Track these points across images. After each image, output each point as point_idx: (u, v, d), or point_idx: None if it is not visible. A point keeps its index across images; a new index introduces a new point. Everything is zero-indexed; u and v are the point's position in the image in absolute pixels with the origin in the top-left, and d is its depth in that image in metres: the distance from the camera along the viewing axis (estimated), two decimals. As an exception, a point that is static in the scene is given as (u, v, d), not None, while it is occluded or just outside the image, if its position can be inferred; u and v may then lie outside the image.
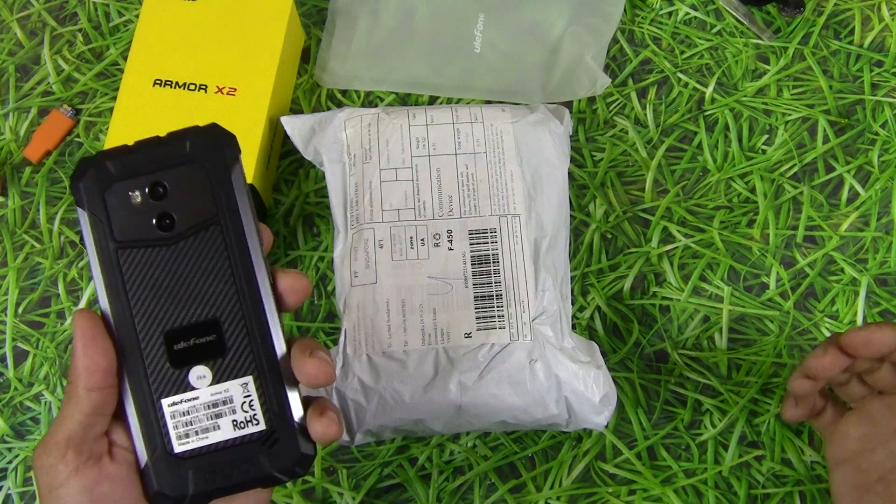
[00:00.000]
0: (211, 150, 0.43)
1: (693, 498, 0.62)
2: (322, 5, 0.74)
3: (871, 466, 0.53)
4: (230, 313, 0.43)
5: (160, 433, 0.42)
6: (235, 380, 0.43)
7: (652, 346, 0.65)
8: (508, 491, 0.62)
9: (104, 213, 0.42)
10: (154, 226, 0.42)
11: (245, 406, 0.43)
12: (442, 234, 0.59)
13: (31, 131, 0.70)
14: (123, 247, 0.42)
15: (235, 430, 0.43)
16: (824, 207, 0.68)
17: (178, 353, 0.42)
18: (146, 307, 0.42)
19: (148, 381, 0.42)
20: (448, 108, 0.63)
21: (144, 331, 0.42)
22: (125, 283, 0.42)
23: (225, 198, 0.43)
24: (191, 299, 0.42)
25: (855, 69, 0.72)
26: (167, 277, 0.42)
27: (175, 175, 0.42)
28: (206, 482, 0.42)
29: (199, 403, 0.42)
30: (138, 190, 0.42)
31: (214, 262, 0.43)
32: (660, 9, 0.73)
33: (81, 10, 0.74)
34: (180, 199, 0.42)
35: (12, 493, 0.63)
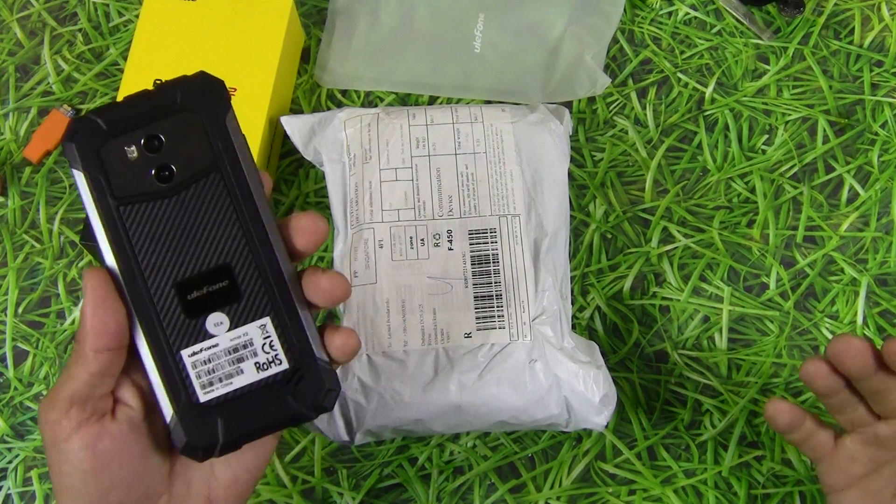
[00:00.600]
0: (202, 98, 0.42)
1: (693, 498, 0.62)
2: (322, 5, 0.74)
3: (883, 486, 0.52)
4: (240, 257, 0.42)
5: (183, 385, 0.42)
6: (253, 322, 0.42)
7: (652, 347, 0.65)
8: (508, 491, 0.62)
9: (101, 170, 0.41)
10: (153, 178, 0.42)
11: (266, 347, 0.42)
12: (442, 234, 0.59)
13: (31, 131, 0.70)
14: (124, 202, 0.42)
15: (259, 372, 0.42)
16: (824, 207, 0.68)
17: (192, 302, 0.42)
18: (154, 261, 0.42)
19: (165, 334, 0.42)
20: (448, 108, 0.63)
21: (155, 284, 0.42)
22: (130, 239, 0.42)
23: (222, 144, 0.42)
24: (199, 248, 0.42)
25: (855, 69, 0.72)
26: (172, 229, 0.42)
27: (169, 125, 0.42)
28: (236, 427, 0.42)
29: (219, 350, 0.42)
30: (133, 144, 0.41)
31: (218, 208, 0.42)
32: (660, 9, 0.73)
33: (81, 10, 0.74)
34: (177, 149, 0.42)
35: (12, 493, 0.63)
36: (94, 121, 0.41)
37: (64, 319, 0.66)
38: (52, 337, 0.65)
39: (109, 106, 0.42)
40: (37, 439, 0.63)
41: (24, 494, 0.63)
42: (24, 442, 0.64)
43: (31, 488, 0.63)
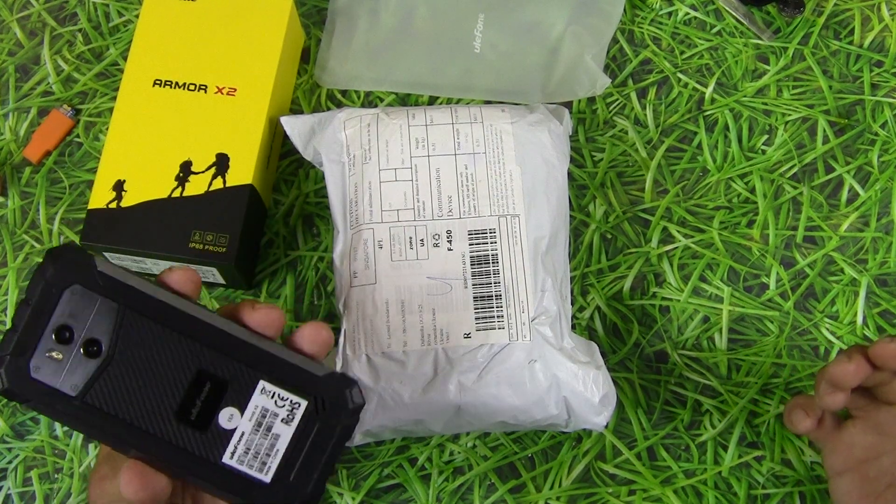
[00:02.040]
0: (63, 269, 0.43)
1: (693, 498, 0.62)
2: (322, 5, 0.74)
3: (880, 474, 0.53)
4: (202, 356, 0.44)
5: (247, 483, 0.44)
6: (253, 394, 0.44)
7: (652, 347, 0.65)
8: (508, 491, 0.62)
9: (45, 391, 0.42)
10: (88, 358, 0.43)
11: (278, 402, 0.44)
12: (441, 235, 0.59)
13: (31, 131, 0.70)
14: (83, 394, 0.43)
15: (290, 424, 0.44)
16: (824, 208, 0.68)
17: (197, 418, 0.44)
18: (145, 416, 0.43)
19: (198, 459, 0.43)
20: (447, 108, 0.63)
21: (160, 430, 0.43)
22: (114, 417, 0.43)
23: (110, 289, 0.43)
24: (166, 376, 0.43)
25: (855, 69, 0.72)
26: (137, 381, 0.43)
27: (62, 311, 0.43)
28: (308, 476, 0.44)
29: (247, 435, 0.44)
30: (50, 349, 0.43)
31: (153, 335, 0.43)
32: (660, 9, 0.73)
33: (81, 10, 0.74)
34: (83, 324, 0.43)
35: (12, 494, 0.63)
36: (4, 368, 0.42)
37: (64, 319, 0.66)
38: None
39: (6, 339, 0.42)
40: (37, 439, 0.63)
41: (24, 494, 0.63)
42: (24, 442, 0.64)
43: (31, 488, 0.63)
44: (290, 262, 0.67)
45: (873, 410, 0.53)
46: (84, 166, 0.69)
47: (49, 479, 0.63)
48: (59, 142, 0.70)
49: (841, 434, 0.54)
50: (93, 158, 0.69)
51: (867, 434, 0.53)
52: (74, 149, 0.70)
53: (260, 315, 0.45)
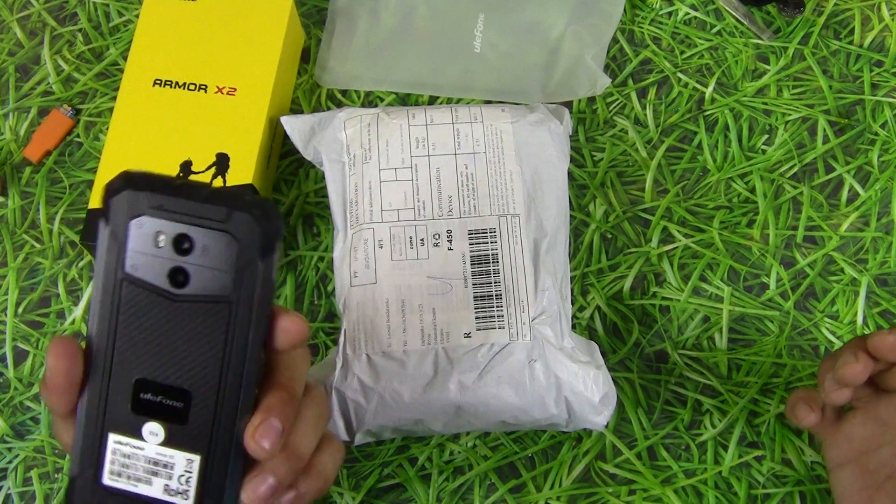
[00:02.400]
0: (249, 232, 0.40)
1: (693, 498, 0.62)
2: (322, 5, 0.74)
3: (879, 466, 0.53)
4: (204, 392, 0.41)
5: (96, 460, 0.42)
6: (184, 453, 0.42)
7: (652, 347, 0.65)
8: (508, 491, 0.62)
9: (123, 239, 0.40)
10: (166, 276, 0.40)
11: (182, 480, 0.42)
12: (441, 234, 0.59)
13: (31, 131, 0.70)
14: (129, 281, 0.40)
15: (164, 494, 0.42)
16: (824, 207, 0.68)
17: (142, 402, 0.41)
18: (129, 347, 0.41)
19: (105, 410, 0.42)
20: (448, 108, 0.63)
21: (120, 366, 0.41)
22: (120, 316, 0.41)
23: (247, 284, 0.40)
24: (173, 361, 0.41)
25: (855, 69, 0.72)
26: (160, 330, 0.41)
27: (206, 237, 0.40)
28: None
29: (141, 455, 0.42)
30: (165, 234, 0.40)
31: (209, 338, 0.41)
32: (660, 9, 0.73)
33: (81, 10, 0.74)
34: (201, 264, 0.40)
35: (12, 494, 0.63)
36: (143, 189, 0.40)
37: (64, 319, 0.66)
38: (52, 337, 0.65)
39: (163, 181, 0.40)
40: (37, 439, 0.63)
41: (24, 494, 0.63)
42: (24, 442, 0.64)
43: (31, 488, 0.63)
44: (290, 261, 0.67)
45: (873, 401, 0.53)
46: (84, 166, 0.69)
47: (49, 479, 0.63)
48: (59, 142, 0.70)
49: (841, 426, 0.54)
50: (93, 158, 0.69)
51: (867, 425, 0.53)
52: (74, 149, 0.70)
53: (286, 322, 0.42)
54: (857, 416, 0.54)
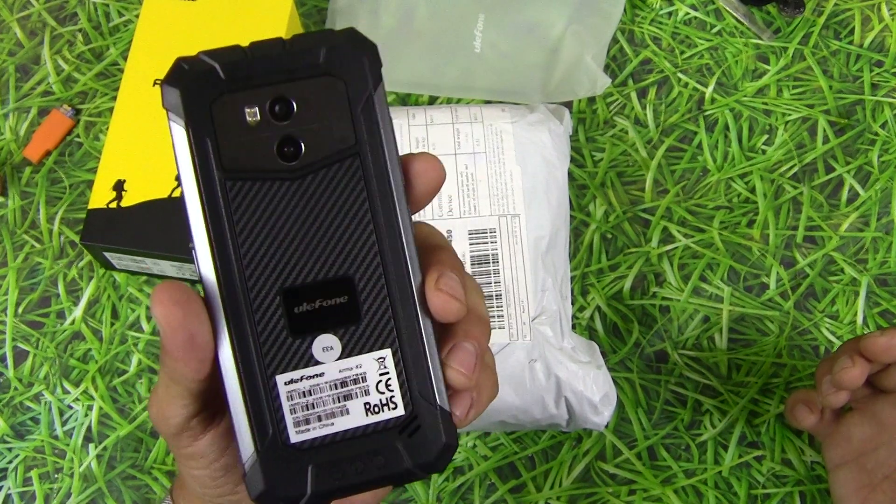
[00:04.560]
0: (351, 62, 0.34)
1: (693, 498, 0.62)
2: (322, 5, 0.74)
3: (876, 466, 0.53)
4: (367, 269, 0.34)
5: (273, 419, 0.34)
6: (370, 353, 0.34)
7: (652, 347, 0.65)
8: (508, 491, 0.62)
9: (210, 131, 0.33)
10: (275, 153, 0.33)
11: (381, 386, 0.35)
12: (441, 234, 0.59)
13: (31, 131, 0.70)
14: (234, 177, 0.33)
15: (368, 415, 0.34)
16: (824, 207, 0.68)
17: (300, 317, 0.34)
18: (260, 258, 0.34)
19: (261, 352, 0.34)
20: (447, 107, 0.63)
21: (257, 288, 0.34)
22: (235, 226, 0.33)
23: (366, 123, 0.34)
24: (318, 250, 0.34)
25: (855, 69, 0.72)
26: (288, 221, 0.34)
27: (305, 89, 0.34)
28: (330, 479, 0.34)
29: (324, 382, 0.34)
30: (257, 105, 0.33)
31: (349, 204, 0.34)
32: (660, 9, 0.73)
33: (81, 10, 0.74)
34: (310, 121, 0.34)
35: (12, 494, 0.63)
36: (210, 65, 0.33)
37: (64, 319, 0.66)
38: (52, 337, 0.65)
39: (231, 50, 0.33)
40: (37, 439, 0.63)
41: (24, 494, 0.63)
42: (24, 442, 0.64)
43: (31, 488, 0.63)
44: (290, 261, 0.67)
45: (871, 403, 0.54)
46: (84, 166, 0.69)
47: (49, 479, 0.63)
48: (59, 142, 0.70)
49: (840, 427, 0.54)
50: (93, 158, 0.69)
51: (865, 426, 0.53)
52: (74, 149, 0.70)
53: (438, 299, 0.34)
54: (856, 417, 0.54)
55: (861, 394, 0.54)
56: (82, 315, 0.66)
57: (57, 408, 0.64)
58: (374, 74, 0.34)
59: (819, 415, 0.55)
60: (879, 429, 0.53)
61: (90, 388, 0.64)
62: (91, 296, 0.66)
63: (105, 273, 0.67)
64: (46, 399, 0.64)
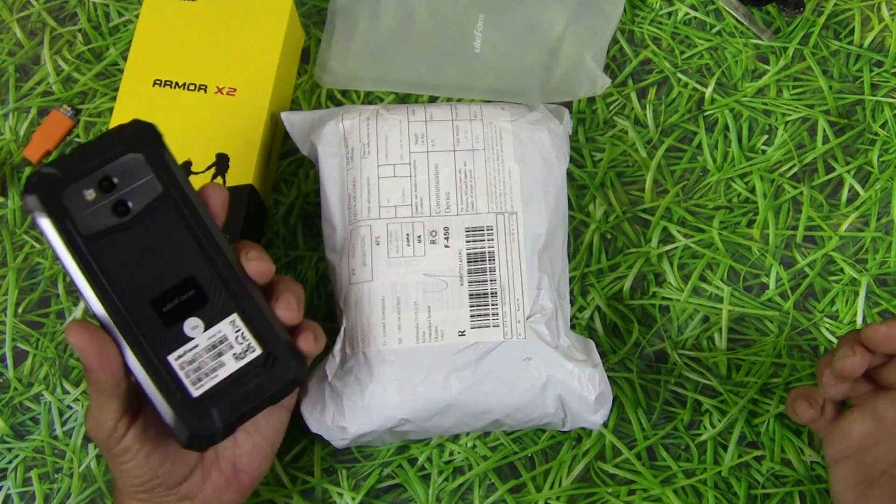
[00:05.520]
0: (140, 139, 0.48)
1: (693, 498, 0.62)
2: (322, 5, 0.74)
3: (875, 461, 0.53)
4: (201, 267, 0.48)
5: (176, 386, 0.47)
6: (223, 320, 0.48)
7: (652, 347, 0.65)
8: (508, 491, 0.62)
9: (64, 214, 0.46)
10: (112, 214, 0.47)
11: (238, 339, 0.48)
12: (438, 232, 0.59)
13: (30, 131, 0.70)
14: (90, 239, 0.46)
15: (237, 361, 0.48)
16: (824, 207, 0.68)
17: (168, 313, 0.47)
18: (128, 286, 0.47)
19: (151, 344, 0.47)
20: (447, 106, 0.63)
21: (132, 305, 0.47)
22: (103, 269, 0.47)
23: (165, 176, 0.48)
24: (164, 266, 0.47)
25: (855, 69, 0.71)
26: (138, 254, 0.47)
27: (118, 167, 0.47)
28: (229, 413, 0.47)
29: (200, 350, 0.47)
30: (90, 187, 0.47)
31: (173, 229, 0.48)
32: (660, 9, 0.73)
33: (81, 10, 0.74)
34: (128, 186, 0.47)
35: (12, 494, 0.63)
36: (49, 172, 0.46)
37: (64, 319, 0.66)
38: (52, 337, 0.66)
39: (61, 158, 0.47)
40: (37, 439, 0.63)
41: (24, 494, 0.63)
42: (24, 442, 0.64)
43: (31, 488, 0.63)
44: (290, 262, 0.67)
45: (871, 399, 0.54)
46: (84, 166, 0.69)
47: (49, 479, 0.63)
48: (59, 142, 0.70)
49: (840, 422, 0.54)
50: (93, 158, 0.69)
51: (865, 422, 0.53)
52: (74, 149, 0.70)
53: (252, 266, 0.49)
54: (856, 413, 0.54)
55: (861, 390, 0.54)
56: (82, 315, 0.66)
57: (57, 408, 0.64)
58: (160, 142, 0.48)
59: (820, 410, 0.55)
60: (879, 424, 0.53)
61: (90, 388, 0.64)
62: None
63: (105, 273, 0.67)
64: (46, 399, 0.64)
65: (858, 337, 0.51)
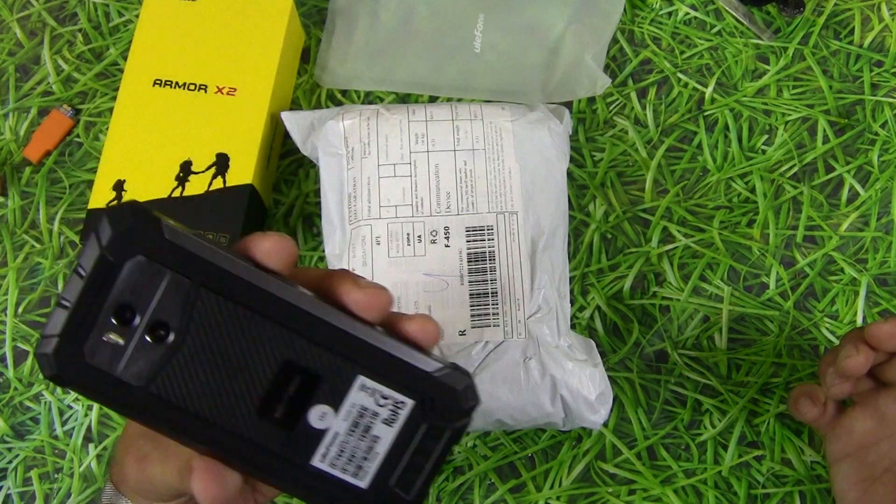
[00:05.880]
0: (126, 236, 0.36)
1: (693, 498, 0.62)
2: (322, 5, 0.74)
3: (878, 458, 0.53)
4: (289, 344, 0.37)
5: (339, 488, 0.38)
6: (351, 390, 0.38)
7: (652, 346, 0.65)
8: (508, 491, 0.62)
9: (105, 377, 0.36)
10: (154, 344, 0.36)
11: (379, 401, 0.38)
12: (439, 231, 0.59)
13: (31, 131, 0.70)
14: (149, 388, 0.36)
15: (392, 425, 0.38)
16: (824, 207, 0.68)
17: (283, 416, 0.37)
18: (221, 413, 0.37)
19: (286, 463, 0.38)
20: (448, 105, 0.63)
21: (241, 429, 0.37)
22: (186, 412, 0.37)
23: (180, 262, 0.36)
24: (247, 368, 0.37)
25: (855, 69, 0.71)
26: (211, 372, 0.37)
27: (122, 288, 0.36)
28: (413, 481, 0.38)
29: (341, 436, 0.38)
30: (110, 330, 0.36)
31: (231, 319, 0.37)
32: (660, 9, 0.73)
33: (81, 10, 0.74)
34: (150, 303, 0.36)
35: (12, 494, 0.63)
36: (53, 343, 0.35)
37: (64, 319, 0.66)
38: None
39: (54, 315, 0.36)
40: (37, 439, 0.63)
41: (24, 494, 0.63)
42: (24, 442, 0.64)
43: (31, 488, 0.63)
44: (289, 261, 0.67)
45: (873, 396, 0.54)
46: (84, 166, 0.69)
47: (49, 479, 0.63)
48: (60, 142, 0.70)
49: (842, 420, 0.54)
50: (93, 158, 0.70)
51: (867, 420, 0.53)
52: (74, 149, 0.70)
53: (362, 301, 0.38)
54: (858, 411, 0.54)
55: (864, 387, 0.54)
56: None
57: (57, 408, 0.64)
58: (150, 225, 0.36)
59: (822, 408, 0.55)
60: (881, 422, 0.53)
61: (90, 388, 0.64)
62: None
63: (105, 273, 0.66)
64: (46, 399, 0.64)
65: (862, 335, 0.51)
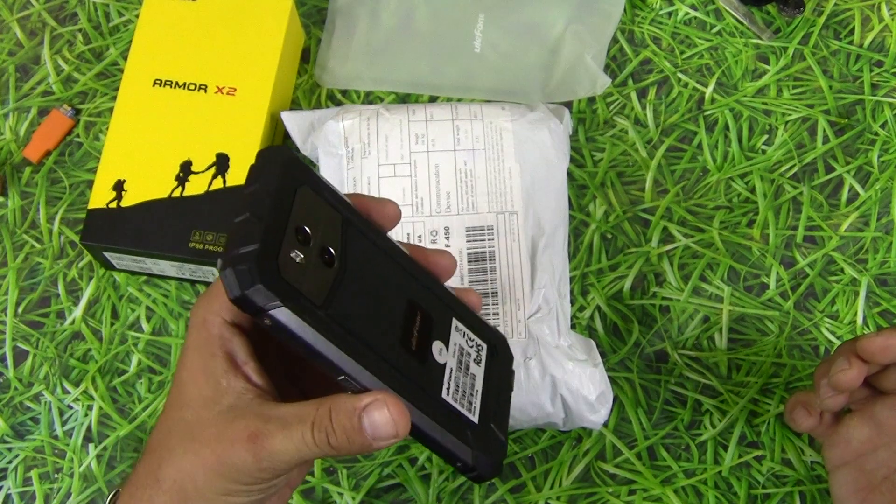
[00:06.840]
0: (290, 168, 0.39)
1: (693, 498, 0.62)
2: (322, 5, 0.74)
3: (876, 467, 0.53)
4: (409, 285, 0.41)
5: (462, 422, 0.40)
6: (451, 330, 0.42)
7: (652, 346, 0.65)
8: (508, 491, 0.62)
9: (297, 293, 0.36)
10: (325, 267, 0.38)
11: (468, 342, 0.43)
12: (439, 231, 0.59)
13: (31, 131, 0.70)
14: (329, 308, 0.38)
15: (479, 366, 0.43)
16: (824, 207, 0.68)
17: (417, 349, 0.40)
18: (379, 339, 0.39)
19: (426, 392, 0.40)
20: (448, 105, 0.63)
21: (395, 358, 0.39)
22: (355, 336, 0.38)
23: (333, 198, 0.40)
24: (386, 301, 0.40)
25: (855, 69, 0.72)
26: (364, 300, 0.39)
27: (299, 211, 0.38)
28: (501, 422, 0.42)
29: (454, 372, 0.41)
30: (294, 247, 0.37)
31: (371, 255, 0.40)
32: (660, 9, 0.73)
33: (81, 10, 0.74)
34: (319, 229, 0.39)
35: (12, 494, 0.63)
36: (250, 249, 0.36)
37: (64, 319, 0.66)
38: (52, 337, 0.65)
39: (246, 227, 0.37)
40: (37, 439, 0.63)
41: (24, 494, 0.63)
42: (24, 442, 0.64)
43: (31, 488, 0.63)
44: (289, 261, 0.67)
45: (870, 404, 0.53)
46: (84, 166, 0.69)
47: (49, 479, 0.63)
48: (59, 142, 0.70)
49: (839, 428, 0.54)
50: (93, 158, 0.70)
51: (864, 428, 0.53)
52: (74, 149, 0.70)
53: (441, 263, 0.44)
54: (855, 419, 0.54)
55: (860, 395, 0.54)
56: (82, 315, 0.66)
57: (57, 408, 0.64)
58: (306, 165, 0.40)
59: (818, 417, 0.55)
60: (878, 430, 0.53)
61: (90, 388, 0.64)
62: (91, 296, 0.66)
63: (105, 273, 0.67)
64: (46, 399, 0.64)
65: (854, 348, 0.50)
